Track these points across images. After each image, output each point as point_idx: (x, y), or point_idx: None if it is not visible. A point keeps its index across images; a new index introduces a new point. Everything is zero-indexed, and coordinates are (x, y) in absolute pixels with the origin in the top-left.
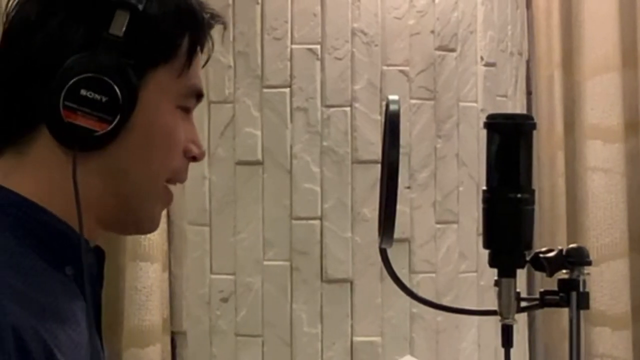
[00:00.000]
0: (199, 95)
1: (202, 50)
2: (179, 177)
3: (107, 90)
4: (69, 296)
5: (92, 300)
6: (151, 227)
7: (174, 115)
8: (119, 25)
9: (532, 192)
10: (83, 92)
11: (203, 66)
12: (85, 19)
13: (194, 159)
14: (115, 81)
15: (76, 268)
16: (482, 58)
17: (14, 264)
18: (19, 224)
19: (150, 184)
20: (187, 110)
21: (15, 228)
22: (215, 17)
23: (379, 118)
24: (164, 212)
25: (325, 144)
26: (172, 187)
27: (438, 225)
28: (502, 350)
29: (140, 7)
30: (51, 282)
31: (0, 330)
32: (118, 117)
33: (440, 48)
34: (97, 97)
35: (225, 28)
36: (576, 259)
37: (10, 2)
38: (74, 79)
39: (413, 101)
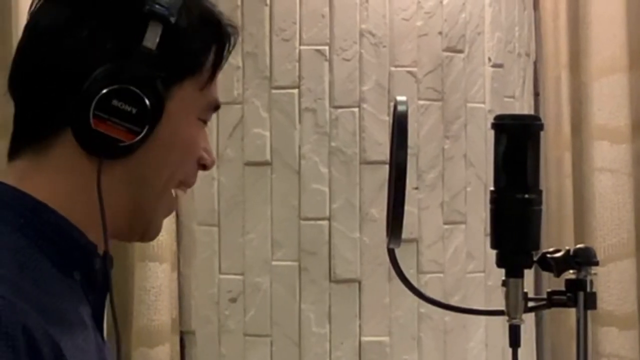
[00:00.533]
0: (216, 108)
1: (225, 61)
2: (188, 182)
3: (137, 102)
4: (76, 301)
5: (96, 306)
6: (155, 235)
7: (195, 127)
8: (152, 37)
9: (540, 192)
10: (115, 102)
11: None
12: (118, 29)
13: (204, 167)
14: (146, 94)
15: (83, 274)
16: (489, 59)
17: (24, 265)
18: (31, 226)
19: (162, 191)
20: (205, 122)
21: (26, 230)
22: (234, 29)
23: (387, 119)
24: (173, 213)
25: (333, 144)
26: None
27: (446, 226)
28: (509, 350)
29: (173, 20)
30: (59, 286)
31: (12, 329)
32: (146, 129)
33: (448, 49)
34: (128, 108)
35: (238, 35)
36: (583, 259)
37: (35, 2)
38: (107, 89)
39: (421, 102)
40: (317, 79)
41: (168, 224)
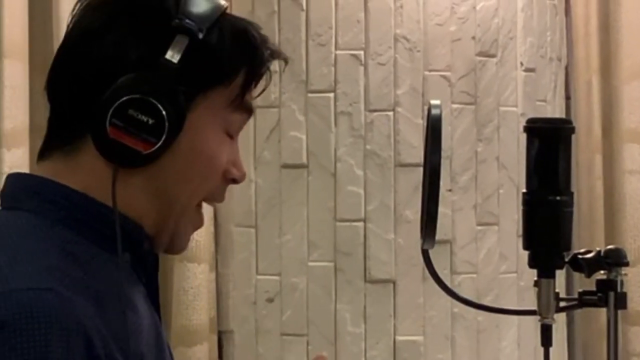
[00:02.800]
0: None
1: (256, 84)
2: (215, 197)
3: (154, 113)
4: (130, 281)
5: (150, 286)
6: (181, 248)
7: (219, 140)
8: (177, 50)
9: (571, 194)
10: (131, 112)
11: (257, 96)
12: (145, 39)
13: (234, 181)
14: (163, 106)
15: (133, 254)
16: (522, 64)
17: (71, 254)
18: (72, 216)
19: (185, 205)
20: (232, 135)
21: (67, 220)
22: (276, 53)
23: (421, 122)
24: (211, 214)
25: (368, 147)
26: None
27: (479, 227)
28: (541, 349)
29: (201, 35)
30: (109, 269)
31: (65, 323)
32: (162, 140)
33: (481, 54)
34: (144, 118)
35: (286, 64)
36: (614, 260)
37: (77, 6)
38: (124, 98)
39: (454, 106)
40: (352, 83)
41: (206, 225)
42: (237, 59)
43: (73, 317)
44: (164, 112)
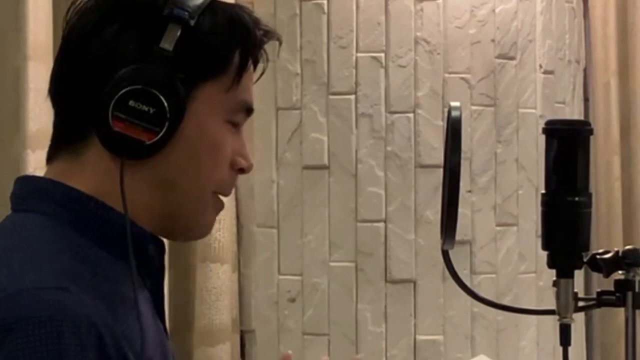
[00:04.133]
0: (248, 110)
1: (254, 67)
2: (224, 189)
3: (154, 102)
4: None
5: (154, 291)
6: (202, 234)
7: (221, 128)
8: (170, 39)
9: (589, 195)
10: (131, 103)
11: (255, 81)
12: (138, 32)
13: (242, 171)
14: (162, 93)
15: (139, 259)
16: (540, 66)
17: (79, 256)
18: (80, 219)
19: (198, 195)
20: (236, 125)
21: (76, 223)
22: (269, 34)
23: (441, 124)
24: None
25: (389, 148)
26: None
27: (498, 228)
28: (560, 349)
29: (192, 22)
30: (116, 272)
31: (79, 321)
32: (165, 128)
33: (500, 56)
34: (145, 108)
35: (280, 43)
36: (632, 260)
37: (71, 10)
38: (123, 90)
39: (474, 107)
40: (373, 85)
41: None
42: (230, 41)
43: (85, 313)
44: (163, 100)
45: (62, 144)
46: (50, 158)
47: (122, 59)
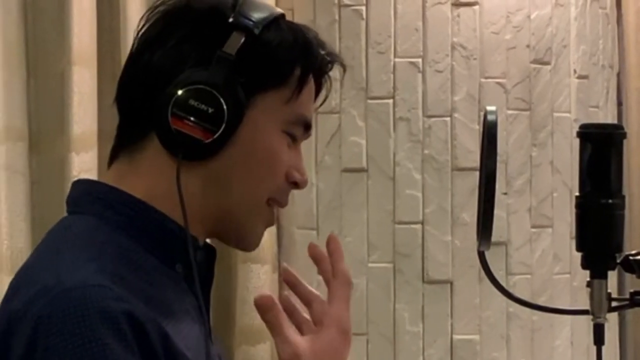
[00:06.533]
0: (306, 126)
1: (316, 85)
2: (279, 199)
3: (213, 102)
4: (180, 292)
5: (202, 298)
6: (252, 245)
7: (278, 138)
8: (233, 45)
9: (623, 197)
10: (191, 101)
11: (319, 106)
12: (203, 38)
13: (296, 185)
14: (221, 94)
15: (186, 266)
16: (575, 71)
17: (126, 258)
18: (131, 223)
19: (252, 201)
20: (293, 138)
21: (127, 226)
22: (334, 57)
23: (478, 127)
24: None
25: (426, 152)
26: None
27: (533, 229)
28: (594, 348)
29: (257, 31)
30: (162, 278)
31: (115, 314)
32: (222, 128)
33: (535, 61)
34: (204, 107)
35: (344, 70)
36: None
37: (141, 22)
38: (184, 89)
39: (509, 112)
40: (410, 89)
41: (269, 227)
42: (292, 54)
43: (125, 308)
44: (222, 100)
45: (122, 145)
46: (110, 161)
47: (185, 62)
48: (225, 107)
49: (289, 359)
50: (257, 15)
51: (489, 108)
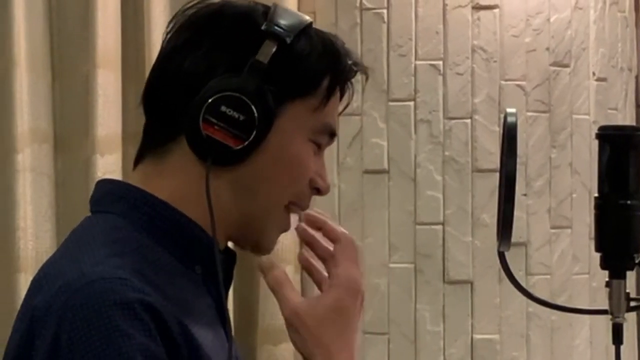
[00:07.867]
0: (331, 134)
1: (341, 93)
2: (300, 202)
3: (245, 110)
4: (197, 293)
5: (218, 299)
6: (267, 250)
7: (305, 145)
8: (266, 53)
9: None
10: (223, 108)
11: (341, 112)
12: (234, 45)
13: (318, 191)
14: (253, 102)
15: (205, 268)
16: (594, 73)
17: (147, 257)
18: (153, 223)
19: (272, 206)
20: (319, 146)
21: (149, 226)
22: (358, 65)
23: (498, 129)
24: (295, 217)
25: (447, 153)
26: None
27: (553, 230)
28: (612, 347)
29: (288, 40)
30: (181, 278)
31: (136, 304)
32: (252, 136)
33: (554, 64)
34: (235, 114)
35: (367, 78)
36: None
37: (169, 25)
38: (216, 95)
39: (529, 114)
40: (431, 92)
41: (291, 228)
42: (322, 64)
43: (142, 298)
44: (253, 108)
45: (149, 147)
46: (136, 162)
47: (216, 69)
48: (256, 115)
49: (288, 317)
50: (288, 24)
51: (509, 110)
